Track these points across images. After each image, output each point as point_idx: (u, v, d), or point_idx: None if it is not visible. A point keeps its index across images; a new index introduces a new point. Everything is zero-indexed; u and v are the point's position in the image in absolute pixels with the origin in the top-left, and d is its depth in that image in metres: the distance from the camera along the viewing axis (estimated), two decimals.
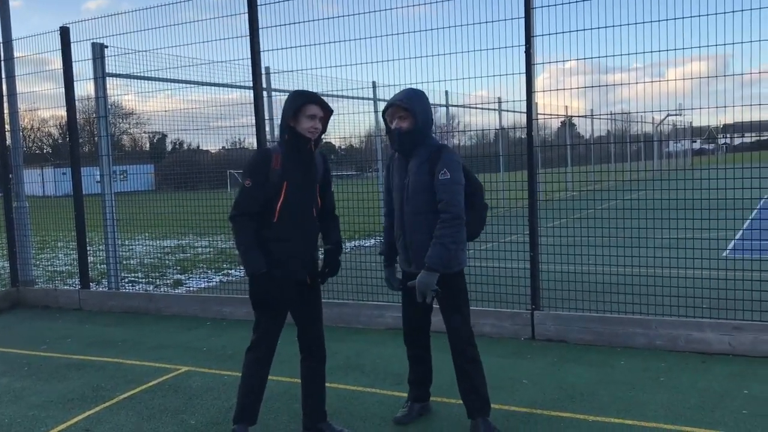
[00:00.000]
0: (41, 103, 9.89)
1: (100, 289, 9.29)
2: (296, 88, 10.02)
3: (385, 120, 4.38)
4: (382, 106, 14.14)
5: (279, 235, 3.92)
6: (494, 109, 16.60)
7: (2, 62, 9.35)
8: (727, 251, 9.34)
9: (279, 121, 4.11)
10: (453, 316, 4.26)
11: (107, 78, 8.42)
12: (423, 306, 4.29)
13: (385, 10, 6.86)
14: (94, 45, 8.32)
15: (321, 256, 4.30)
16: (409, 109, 4.20)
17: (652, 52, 5.85)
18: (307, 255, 4.11)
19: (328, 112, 4.10)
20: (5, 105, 9.43)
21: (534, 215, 6.40)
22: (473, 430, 4.26)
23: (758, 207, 6.74)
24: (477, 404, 4.25)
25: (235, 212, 3.90)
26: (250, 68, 7.46)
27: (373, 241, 12.99)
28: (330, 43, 7.06)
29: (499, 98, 13.75)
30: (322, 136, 4.14)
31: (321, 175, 4.20)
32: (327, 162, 4.29)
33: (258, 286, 3.93)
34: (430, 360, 4.62)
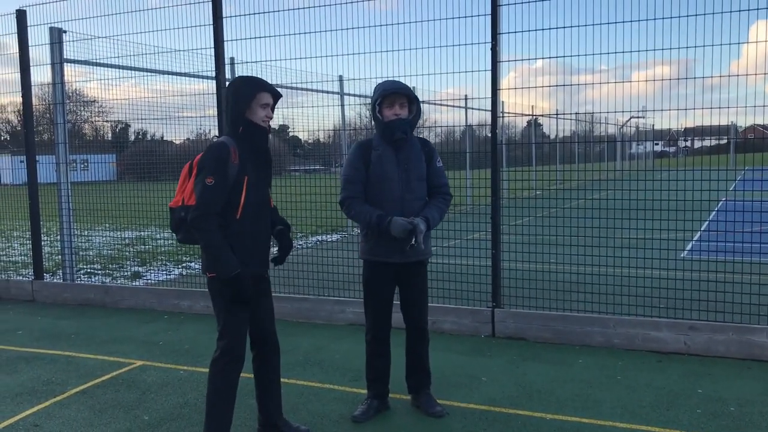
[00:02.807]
0: None
1: (55, 280, 9.06)
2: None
3: (374, 108, 4.35)
4: (348, 100, 13.81)
5: (242, 230, 3.78)
6: (461, 107, 16.62)
7: None
8: (685, 252, 9.48)
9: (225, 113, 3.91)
10: (423, 301, 4.57)
11: (66, 64, 8.20)
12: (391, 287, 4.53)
13: (354, 2, 6.79)
14: (52, 29, 8.08)
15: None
16: (413, 98, 4.37)
17: (616, 53, 5.88)
18: (266, 248, 4.02)
19: (277, 98, 3.95)
20: None
21: (497, 213, 6.40)
22: (426, 400, 4.59)
23: (716, 209, 6.84)
24: (426, 380, 4.67)
25: (200, 212, 3.65)
26: (213, 58, 7.33)
27: (336, 236, 12.91)
28: (296, 34, 6.97)
29: (466, 96, 13.78)
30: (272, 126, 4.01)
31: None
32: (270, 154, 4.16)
33: (235, 286, 3.71)
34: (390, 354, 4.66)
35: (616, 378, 5.22)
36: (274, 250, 4.15)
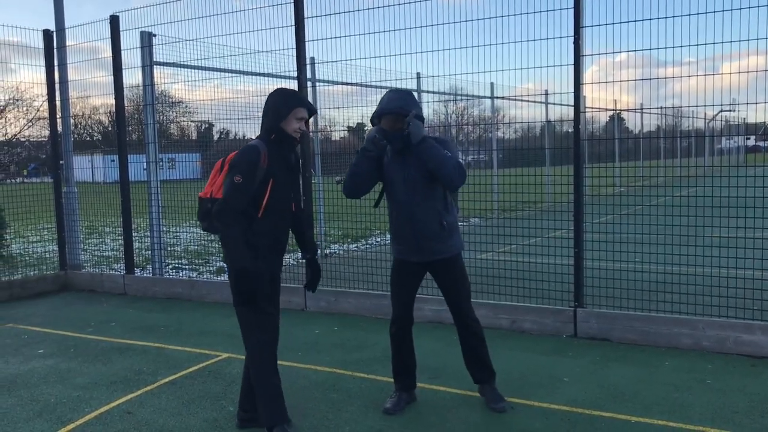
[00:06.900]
0: (92, 91, 10.12)
1: (145, 274, 9.45)
2: (341, 80, 9.89)
3: (373, 123, 4.48)
4: (426, 97, 13.78)
5: (262, 229, 4.00)
6: (541, 102, 16.34)
7: (55, 50, 9.56)
8: None
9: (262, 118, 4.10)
10: (459, 294, 4.59)
11: (155, 66, 8.53)
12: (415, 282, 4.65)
13: None
14: (142, 33, 8.43)
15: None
16: (408, 114, 4.35)
17: (706, 44, 5.64)
18: (282, 249, 4.23)
19: (312, 114, 4.19)
20: (57, 92, 9.64)
21: (579, 210, 6.27)
22: (489, 394, 4.62)
23: None
24: (484, 373, 4.66)
25: (224, 206, 3.86)
26: (294, 58, 7.47)
27: None
28: (374, 33, 7.02)
29: (546, 91, 13.54)
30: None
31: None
32: (299, 163, 4.36)
33: (247, 281, 3.86)
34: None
35: (706, 382, 5.03)
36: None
